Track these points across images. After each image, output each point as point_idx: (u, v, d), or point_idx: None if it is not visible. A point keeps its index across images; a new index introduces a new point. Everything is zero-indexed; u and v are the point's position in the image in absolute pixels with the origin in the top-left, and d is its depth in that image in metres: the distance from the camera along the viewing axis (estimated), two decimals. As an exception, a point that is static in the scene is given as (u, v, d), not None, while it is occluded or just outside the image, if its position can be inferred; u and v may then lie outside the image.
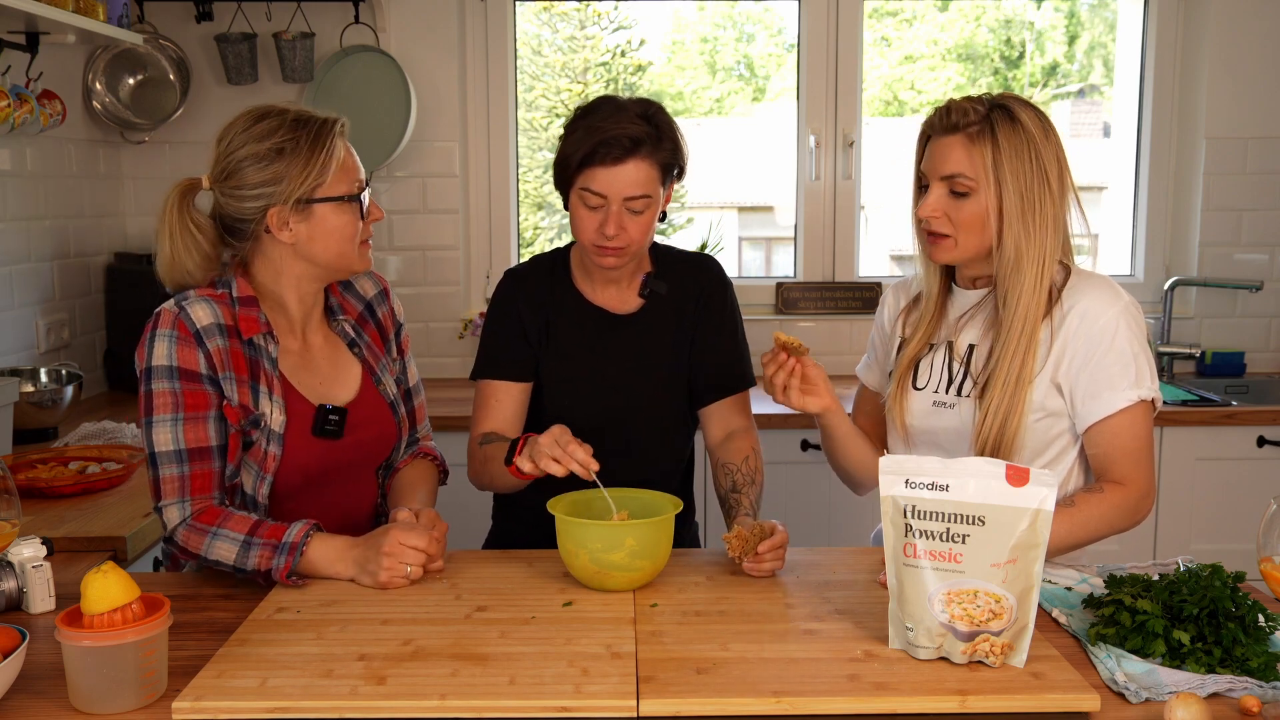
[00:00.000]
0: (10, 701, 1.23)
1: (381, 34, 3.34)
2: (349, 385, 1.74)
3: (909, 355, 1.75)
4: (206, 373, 1.59)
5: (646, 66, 4.76)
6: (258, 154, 1.58)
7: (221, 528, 1.56)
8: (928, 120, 1.66)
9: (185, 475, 1.58)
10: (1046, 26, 5.11)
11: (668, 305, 1.92)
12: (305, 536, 1.55)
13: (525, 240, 3.79)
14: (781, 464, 2.96)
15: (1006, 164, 1.58)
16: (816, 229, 3.57)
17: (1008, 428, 1.61)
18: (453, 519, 2.40)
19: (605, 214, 1.75)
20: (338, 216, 1.62)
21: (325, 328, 1.76)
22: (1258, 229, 3.49)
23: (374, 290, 1.83)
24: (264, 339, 1.64)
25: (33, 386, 2.68)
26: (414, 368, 1.88)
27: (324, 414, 1.67)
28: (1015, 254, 1.60)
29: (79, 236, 3.14)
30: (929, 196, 1.63)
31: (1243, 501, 2.99)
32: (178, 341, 1.58)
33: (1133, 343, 1.60)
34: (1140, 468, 1.60)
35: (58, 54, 3.00)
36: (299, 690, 1.23)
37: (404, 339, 1.87)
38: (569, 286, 1.93)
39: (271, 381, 1.64)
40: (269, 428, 1.62)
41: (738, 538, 1.59)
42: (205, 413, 1.59)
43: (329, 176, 1.60)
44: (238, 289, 1.65)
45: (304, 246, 1.63)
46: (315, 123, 1.62)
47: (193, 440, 1.58)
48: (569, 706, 1.20)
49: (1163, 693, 1.23)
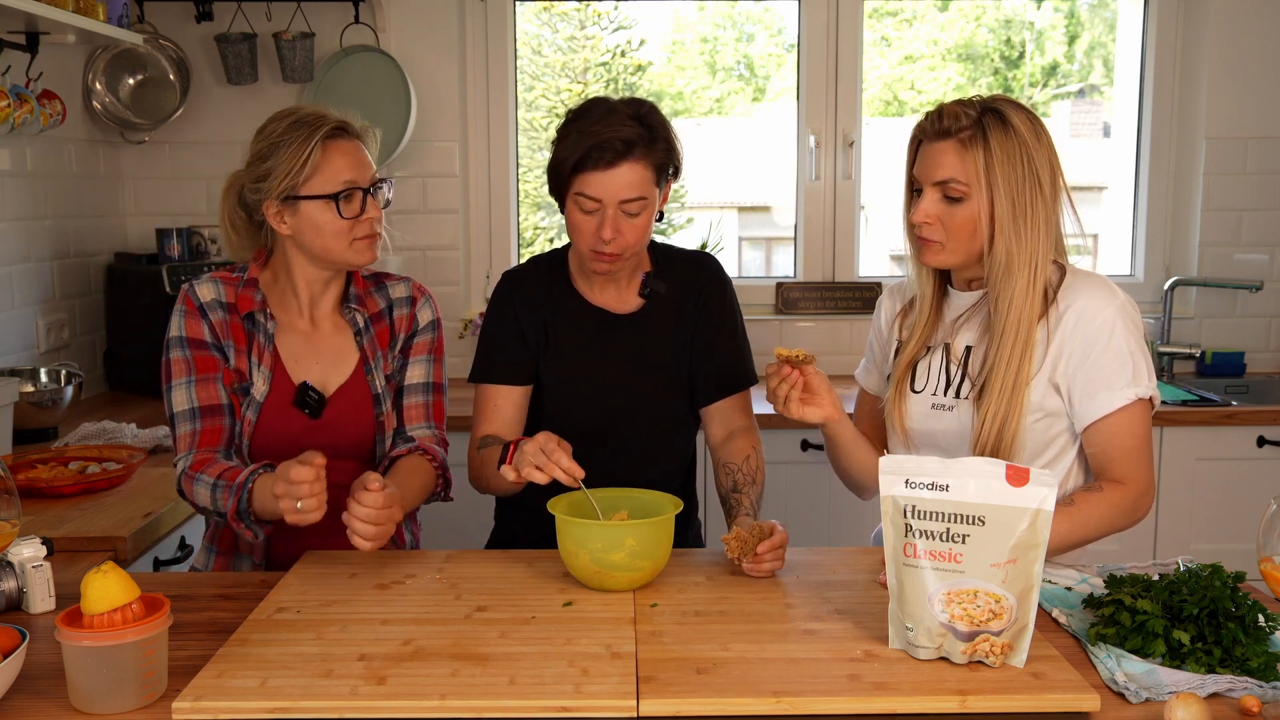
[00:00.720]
0: (10, 701, 1.23)
1: (381, 34, 3.34)
2: (343, 370, 1.83)
3: (906, 358, 1.75)
4: (211, 340, 1.78)
5: (646, 66, 4.76)
6: (259, 151, 1.74)
7: (202, 473, 1.69)
8: (919, 125, 1.66)
9: (196, 430, 1.74)
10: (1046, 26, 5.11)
11: (667, 304, 1.92)
12: (251, 477, 1.63)
13: (525, 240, 3.79)
14: (781, 464, 2.96)
15: (999, 169, 1.58)
16: (816, 229, 3.57)
17: (1006, 431, 1.61)
18: (454, 519, 2.41)
19: (601, 218, 1.75)
20: (321, 214, 1.73)
21: (337, 314, 1.85)
22: (1258, 229, 3.49)
23: (403, 294, 1.89)
24: (261, 315, 1.79)
25: (33, 386, 2.68)
26: (427, 369, 1.88)
27: (305, 389, 1.78)
28: (1006, 258, 1.60)
29: (79, 236, 3.14)
30: (922, 201, 1.63)
31: (1243, 501, 2.99)
32: (185, 315, 1.78)
33: (1129, 341, 1.60)
34: (1139, 466, 1.60)
35: (58, 54, 3.00)
36: (299, 690, 1.23)
37: (423, 343, 1.88)
38: (568, 287, 1.93)
39: (263, 354, 1.78)
40: (252, 395, 1.77)
41: (736, 539, 1.58)
42: (214, 374, 1.77)
43: (306, 174, 1.71)
44: (248, 272, 1.82)
45: (298, 239, 1.76)
46: (310, 123, 1.72)
47: (204, 398, 1.75)
48: (569, 706, 1.20)
49: (1163, 693, 1.23)
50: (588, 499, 1.62)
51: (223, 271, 1.84)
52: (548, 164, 1.81)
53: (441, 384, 1.91)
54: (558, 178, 1.78)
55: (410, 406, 1.87)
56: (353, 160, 1.75)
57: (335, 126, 1.74)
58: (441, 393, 1.91)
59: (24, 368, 2.73)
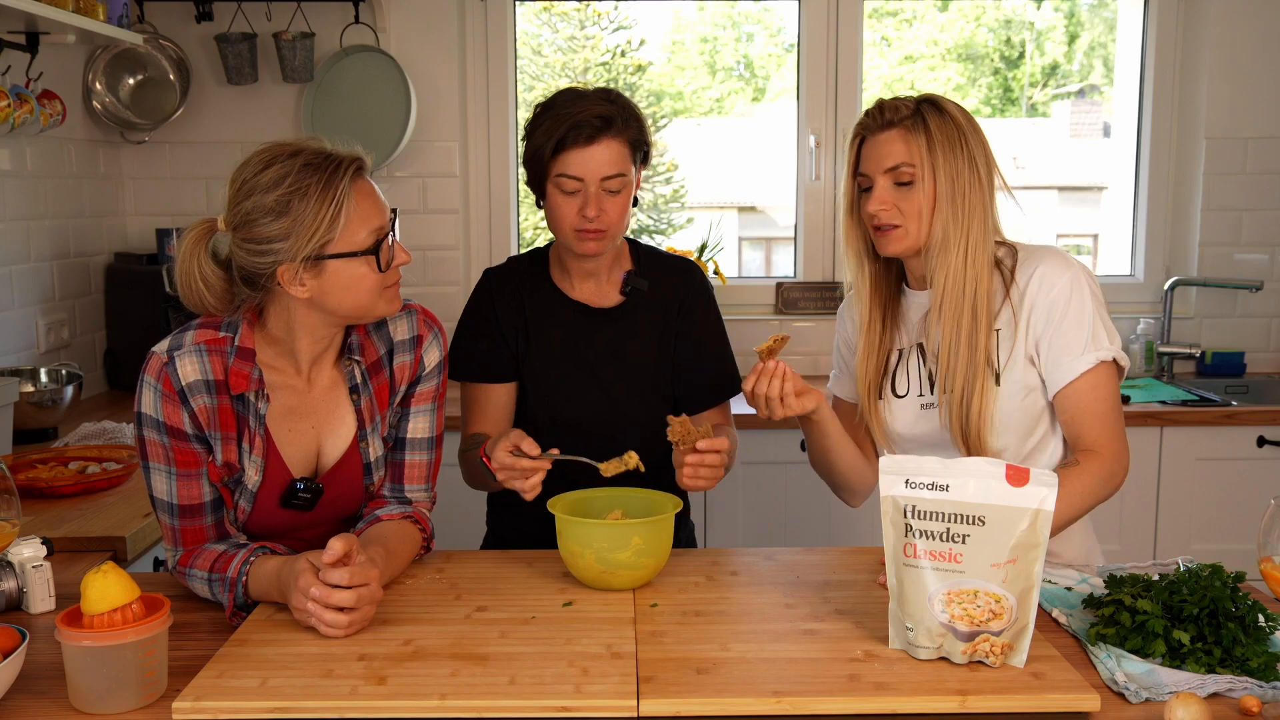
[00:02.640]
0: (10, 701, 1.23)
1: (381, 34, 3.34)
2: (342, 435, 1.62)
3: (873, 368, 1.77)
4: (192, 431, 1.52)
5: (646, 66, 4.76)
6: (264, 207, 1.45)
7: (192, 568, 1.53)
8: (860, 123, 1.72)
9: (177, 529, 1.55)
10: (1046, 26, 5.12)
11: (648, 304, 1.92)
12: (244, 569, 1.48)
13: (525, 240, 3.79)
14: (781, 464, 2.97)
15: (939, 150, 1.64)
16: (816, 229, 3.57)
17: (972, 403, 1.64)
18: (450, 520, 2.40)
19: (584, 197, 1.77)
20: (352, 270, 1.49)
21: (335, 367, 1.62)
22: (1258, 229, 3.49)
23: (406, 335, 1.65)
24: (255, 395, 1.55)
25: (33, 386, 2.68)
26: (430, 422, 1.68)
27: (293, 489, 1.58)
28: (943, 235, 1.65)
29: (79, 236, 3.14)
30: (875, 191, 1.68)
31: (1243, 501, 2.99)
32: (163, 397, 1.50)
33: (1087, 304, 1.64)
34: (1110, 431, 1.63)
35: (58, 54, 3.00)
36: (299, 690, 1.23)
37: (427, 391, 1.68)
38: (548, 283, 1.93)
39: (254, 439, 1.55)
40: (244, 485, 1.57)
41: (681, 424, 1.62)
42: (196, 470, 1.54)
43: (339, 231, 1.46)
44: (240, 337, 1.54)
45: (319, 300, 1.51)
46: (327, 168, 1.46)
47: (185, 498, 1.54)
48: (569, 706, 1.20)
49: (1163, 693, 1.23)
50: (596, 494, 1.64)
51: (207, 331, 1.54)
52: (524, 156, 1.83)
53: (443, 435, 1.72)
54: (537, 165, 1.80)
55: (412, 464, 1.68)
56: (376, 201, 1.51)
57: (355, 165, 1.50)
58: (442, 445, 1.73)
59: (24, 368, 2.73)
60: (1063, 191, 6.63)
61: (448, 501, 1.96)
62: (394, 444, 1.68)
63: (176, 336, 1.54)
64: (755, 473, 2.98)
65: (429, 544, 1.68)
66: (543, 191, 1.82)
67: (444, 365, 1.70)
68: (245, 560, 1.48)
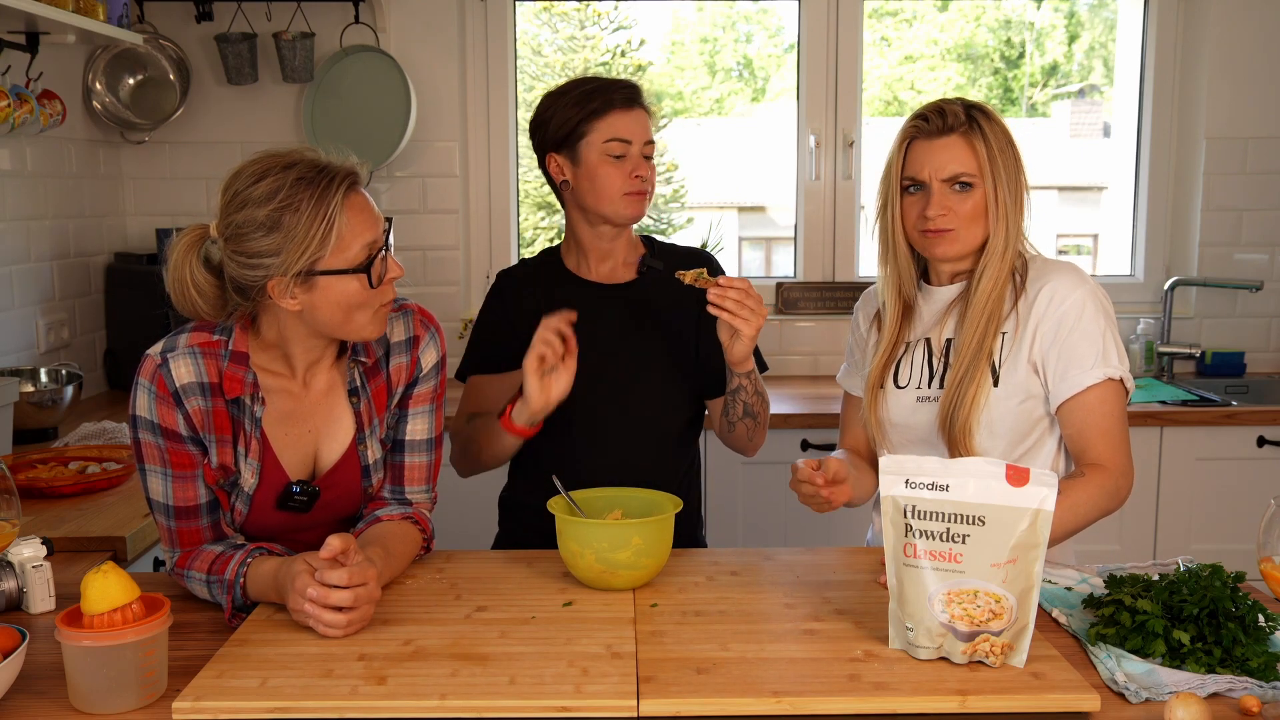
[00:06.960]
0: (10, 701, 1.23)
1: (381, 34, 3.34)
2: (339, 438, 1.61)
3: (881, 359, 1.78)
4: (187, 433, 1.51)
5: (646, 67, 4.76)
6: (256, 221, 1.43)
7: (190, 570, 1.52)
8: (911, 126, 1.72)
9: (173, 530, 1.54)
10: (1046, 26, 5.12)
11: (664, 285, 1.92)
12: (241, 570, 1.47)
13: (525, 240, 3.79)
14: (781, 464, 2.95)
15: (999, 157, 1.67)
16: (816, 229, 3.57)
17: (965, 393, 1.66)
18: (456, 520, 2.41)
19: (632, 160, 1.84)
20: (344, 286, 1.47)
21: (332, 369, 1.61)
22: (1258, 229, 3.49)
23: (403, 337, 1.64)
24: (250, 399, 1.54)
25: (33, 386, 2.68)
26: (429, 423, 1.67)
27: (289, 492, 1.57)
28: (1004, 242, 1.68)
29: (79, 236, 3.14)
30: (934, 195, 1.68)
31: (1243, 501, 2.99)
32: (157, 399, 1.50)
33: (1099, 321, 1.66)
34: (1116, 448, 1.64)
35: (58, 54, 3.00)
36: (299, 690, 1.22)
37: (425, 392, 1.66)
38: (562, 270, 1.97)
39: (250, 442, 1.55)
40: (240, 487, 1.56)
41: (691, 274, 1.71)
42: (192, 471, 1.53)
43: (330, 247, 1.44)
44: (234, 341, 1.53)
45: (309, 315, 1.50)
46: (320, 182, 1.44)
47: (181, 500, 1.53)
48: (569, 706, 1.20)
49: (1163, 693, 1.23)
50: (595, 495, 1.65)
51: (201, 334, 1.53)
52: (549, 135, 1.87)
53: (443, 435, 1.72)
54: (571, 138, 1.84)
55: (412, 466, 1.67)
56: (369, 215, 1.49)
57: (349, 179, 1.48)
58: (442, 446, 1.72)
59: (24, 368, 2.73)
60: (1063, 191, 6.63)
61: (459, 502, 1.95)
62: (393, 446, 1.67)
63: (170, 339, 1.54)
64: (755, 473, 2.98)
65: (429, 544, 1.67)
66: (577, 164, 1.86)
67: (442, 366, 1.68)
68: (243, 561, 1.48)
